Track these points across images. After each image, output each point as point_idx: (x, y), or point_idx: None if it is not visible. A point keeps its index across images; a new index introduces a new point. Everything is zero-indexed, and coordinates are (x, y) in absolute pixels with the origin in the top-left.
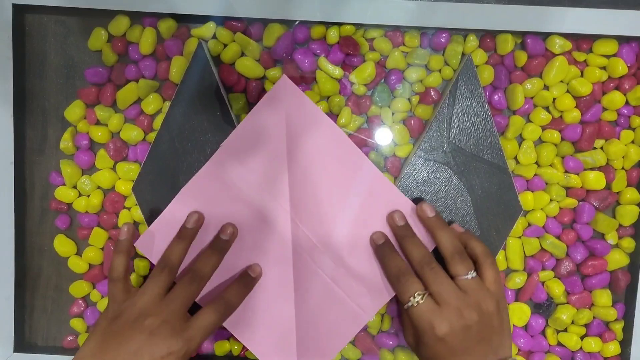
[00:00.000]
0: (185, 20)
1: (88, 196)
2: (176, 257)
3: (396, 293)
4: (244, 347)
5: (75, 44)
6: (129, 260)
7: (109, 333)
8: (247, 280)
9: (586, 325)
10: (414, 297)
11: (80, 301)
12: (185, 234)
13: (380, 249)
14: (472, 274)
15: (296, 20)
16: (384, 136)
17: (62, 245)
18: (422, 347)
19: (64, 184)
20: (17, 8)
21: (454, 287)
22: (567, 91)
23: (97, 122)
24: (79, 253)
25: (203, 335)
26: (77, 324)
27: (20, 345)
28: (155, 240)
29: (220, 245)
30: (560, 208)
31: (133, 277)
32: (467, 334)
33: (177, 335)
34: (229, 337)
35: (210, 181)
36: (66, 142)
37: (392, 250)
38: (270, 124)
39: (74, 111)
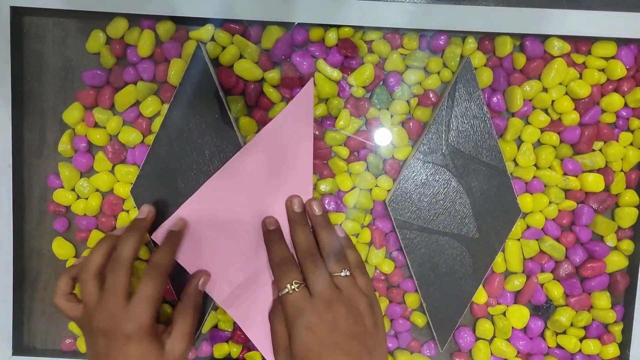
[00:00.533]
0: (184, 23)
1: (86, 199)
2: (97, 260)
3: (275, 280)
4: (242, 349)
5: (74, 46)
6: (141, 243)
7: (92, 351)
8: (170, 237)
9: (585, 328)
10: (291, 285)
11: None
12: (138, 225)
13: (269, 234)
14: (345, 272)
15: (295, 23)
16: (382, 138)
17: (61, 247)
18: (292, 340)
19: (62, 187)
20: (15, 10)
21: (330, 282)
22: (566, 93)
23: (96, 125)
24: (77, 256)
25: (150, 304)
26: (75, 327)
27: (19, 348)
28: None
29: (138, 225)
30: (559, 210)
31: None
32: (335, 327)
33: (125, 317)
34: (228, 339)
35: (229, 181)
36: (64, 145)
37: (279, 238)
38: (298, 126)
39: (72, 114)
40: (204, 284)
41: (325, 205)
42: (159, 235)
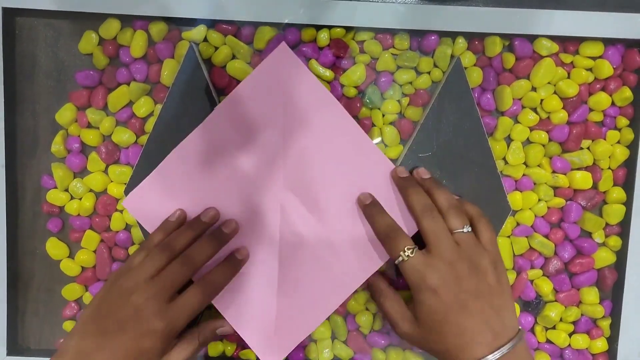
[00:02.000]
0: (176, 23)
1: (80, 199)
2: (180, 244)
3: (387, 251)
4: (237, 347)
5: (66, 47)
6: (163, 240)
7: (105, 299)
8: (234, 262)
9: (574, 323)
10: (404, 252)
11: (72, 304)
12: (197, 226)
13: (368, 208)
14: (467, 228)
15: (287, 24)
16: (374, 138)
17: (54, 248)
18: (418, 305)
19: (56, 187)
20: (6, 11)
21: (450, 239)
22: (555, 92)
23: (89, 125)
24: (71, 256)
25: (187, 315)
26: (70, 326)
27: (13, 348)
28: (144, 200)
29: (220, 237)
30: (548, 207)
31: (133, 248)
32: (460, 287)
33: (161, 314)
34: (222, 338)
35: (203, 144)
36: (57, 145)
37: (380, 209)
38: (267, 91)
39: (65, 114)
40: (222, 332)
41: None
42: (129, 203)
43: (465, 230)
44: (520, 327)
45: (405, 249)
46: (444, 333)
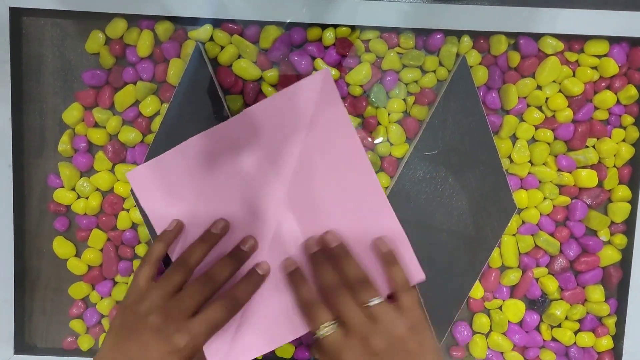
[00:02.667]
0: (182, 23)
1: (87, 198)
2: (195, 259)
3: (306, 322)
4: None
5: (73, 46)
6: (165, 251)
7: (123, 325)
8: (256, 277)
9: (580, 321)
10: (324, 327)
11: (79, 302)
12: (209, 238)
13: (290, 276)
14: (377, 300)
15: (291, 23)
16: (380, 136)
17: (61, 247)
18: None
19: (63, 186)
20: (14, 11)
21: (361, 315)
22: (560, 91)
23: (95, 125)
24: (78, 255)
25: (209, 330)
26: (76, 325)
27: (20, 347)
28: (148, 179)
29: (240, 256)
30: (553, 206)
31: (139, 247)
32: (370, 356)
33: (183, 331)
34: None
35: (218, 141)
36: (64, 145)
37: (302, 279)
38: (296, 108)
39: (72, 114)
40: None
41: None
42: (134, 175)
43: (376, 302)
44: None
45: (325, 324)
46: None
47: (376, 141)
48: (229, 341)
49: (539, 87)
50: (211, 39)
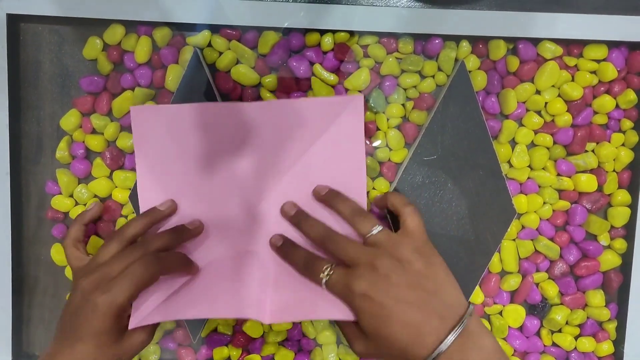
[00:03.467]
0: (181, 29)
1: (85, 205)
2: (132, 232)
3: (311, 280)
4: (242, 352)
5: (70, 53)
6: (83, 231)
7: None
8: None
9: (580, 326)
10: (324, 272)
11: None
12: (152, 213)
13: (282, 248)
14: (377, 228)
15: (289, 28)
16: (379, 142)
17: (59, 254)
18: (359, 318)
19: (61, 193)
20: (11, 17)
21: (360, 246)
22: (559, 95)
23: (93, 131)
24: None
25: (130, 287)
26: None
27: (18, 355)
28: (148, 120)
29: (180, 232)
30: (553, 210)
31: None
32: (389, 283)
33: (103, 290)
34: (227, 343)
35: (231, 116)
36: (62, 152)
37: (292, 245)
38: (316, 120)
39: (70, 120)
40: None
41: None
42: (137, 112)
43: (375, 231)
44: (469, 302)
45: (324, 269)
46: (390, 336)
47: (374, 144)
48: (158, 301)
49: (538, 92)
50: (209, 44)
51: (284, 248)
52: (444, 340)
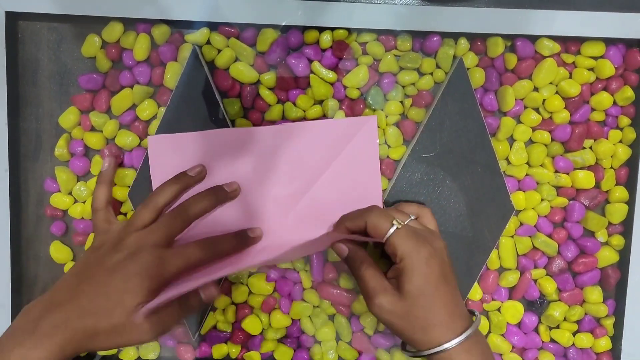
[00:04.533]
0: (179, 26)
1: (84, 202)
2: (164, 198)
3: (377, 232)
4: (241, 349)
5: (69, 50)
6: (110, 191)
7: (89, 261)
8: (244, 236)
9: (578, 322)
10: (396, 222)
11: None
12: (182, 180)
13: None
14: (413, 217)
15: (288, 26)
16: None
17: (58, 251)
18: (408, 277)
19: (59, 191)
20: (9, 15)
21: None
22: (557, 92)
23: (92, 129)
24: (75, 259)
25: (181, 263)
26: None
27: None
28: (165, 149)
29: (218, 193)
30: (551, 207)
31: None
32: (442, 259)
33: (155, 253)
34: (227, 340)
35: (242, 141)
36: (61, 149)
37: (355, 214)
38: (330, 140)
39: (69, 118)
40: (207, 295)
41: None
42: (153, 142)
43: (412, 217)
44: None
45: (395, 221)
46: (432, 306)
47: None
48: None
49: (536, 89)
50: (208, 42)
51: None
52: (453, 339)
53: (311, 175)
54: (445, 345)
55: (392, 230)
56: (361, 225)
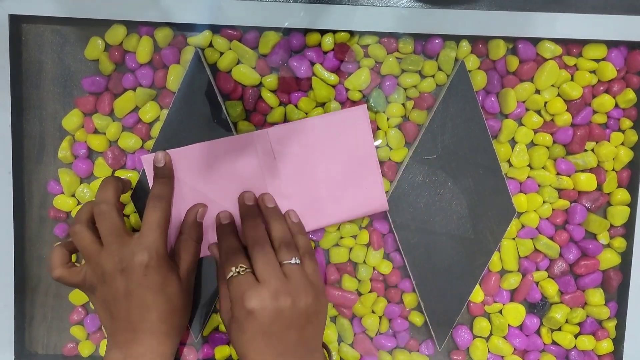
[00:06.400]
0: (182, 29)
1: None
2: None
3: (221, 268)
4: None
5: (72, 53)
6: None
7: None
8: (159, 170)
9: (580, 324)
10: (236, 268)
11: (80, 309)
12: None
13: (222, 228)
14: (296, 260)
15: (290, 29)
16: (379, 141)
17: None
18: (233, 322)
19: (63, 193)
20: (13, 18)
21: (279, 271)
22: (558, 95)
23: (95, 131)
24: (78, 261)
25: (160, 233)
26: (77, 331)
27: (21, 353)
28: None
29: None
30: (553, 209)
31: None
32: (278, 317)
33: (137, 250)
34: (229, 342)
35: (240, 148)
36: (64, 151)
37: (230, 231)
38: (326, 135)
39: (72, 120)
40: (201, 215)
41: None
42: (148, 160)
43: (293, 262)
44: None
45: (239, 266)
46: (246, 354)
47: (375, 143)
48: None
49: (538, 91)
50: (210, 44)
51: (223, 228)
52: None
53: (309, 171)
54: None
55: (229, 275)
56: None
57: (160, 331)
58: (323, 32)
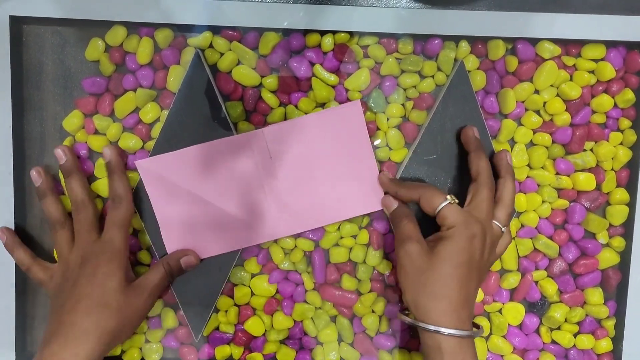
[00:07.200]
0: (182, 30)
1: None
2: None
3: (428, 205)
4: (244, 351)
5: (73, 54)
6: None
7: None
8: (112, 166)
9: (579, 323)
10: (450, 197)
11: None
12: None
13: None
14: (504, 229)
15: (290, 29)
16: (379, 141)
17: None
18: (447, 244)
19: (63, 194)
20: (14, 19)
21: (491, 210)
22: (557, 95)
23: (96, 132)
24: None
25: (120, 230)
26: None
27: (22, 355)
28: (155, 171)
29: (69, 167)
30: (552, 209)
31: (141, 253)
32: (481, 247)
33: (99, 246)
34: (229, 342)
35: (235, 149)
36: None
37: (408, 183)
38: (321, 131)
39: (72, 121)
40: (185, 263)
41: None
42: (143, 165)
43: (503, 229)
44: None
45: (450, 196)
46: (447, 280)
47: (375, 143)
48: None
49: (537, 92)
50: (210, 45)
51: (395, 184)
52: (451, 327)
53: (306, 169)
54: (442, 329)
55: (444, 203)
56: (414, 197)
57: (81, 327)
58: (323, 32)
